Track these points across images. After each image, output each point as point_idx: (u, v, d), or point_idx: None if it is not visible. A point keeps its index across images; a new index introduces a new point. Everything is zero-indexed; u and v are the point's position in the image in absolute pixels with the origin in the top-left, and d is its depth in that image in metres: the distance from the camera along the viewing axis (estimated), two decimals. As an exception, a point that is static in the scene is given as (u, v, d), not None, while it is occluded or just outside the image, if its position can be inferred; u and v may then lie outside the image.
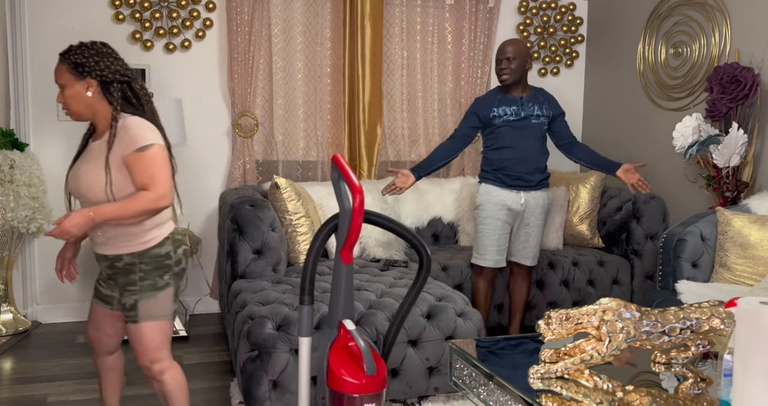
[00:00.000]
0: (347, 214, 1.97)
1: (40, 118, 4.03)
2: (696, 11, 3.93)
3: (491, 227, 3.48)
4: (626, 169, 3.43)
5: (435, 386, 2.94)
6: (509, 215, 3.48)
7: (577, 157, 3.56)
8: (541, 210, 3.52)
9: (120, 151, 2.15)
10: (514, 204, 3.46)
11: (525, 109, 3.44)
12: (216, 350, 3.70)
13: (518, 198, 3.46)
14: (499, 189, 3.47)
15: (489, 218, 3.48)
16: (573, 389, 1.64)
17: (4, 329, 3.82)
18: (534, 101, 3.47)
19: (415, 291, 2.16)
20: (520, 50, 3.40)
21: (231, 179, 4.24)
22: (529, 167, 3.44)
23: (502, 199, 3.46)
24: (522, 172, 3.44)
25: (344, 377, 1.89)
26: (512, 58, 3.40)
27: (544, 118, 3.48)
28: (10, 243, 3.75)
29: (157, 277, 2.22)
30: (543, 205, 3.52)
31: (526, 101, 3.45)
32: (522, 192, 3.46)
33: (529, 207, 3.48)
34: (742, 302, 1.40)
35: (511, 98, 3.47)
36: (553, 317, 1.69)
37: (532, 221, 3.51)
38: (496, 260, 3.51)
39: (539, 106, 3.47)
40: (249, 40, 4.17)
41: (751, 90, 3.33)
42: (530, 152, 3.44)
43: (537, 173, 3.47)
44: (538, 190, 3.50)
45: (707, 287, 2.95)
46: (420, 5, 4.56)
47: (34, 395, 3.07)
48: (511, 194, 3.46)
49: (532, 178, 3.45)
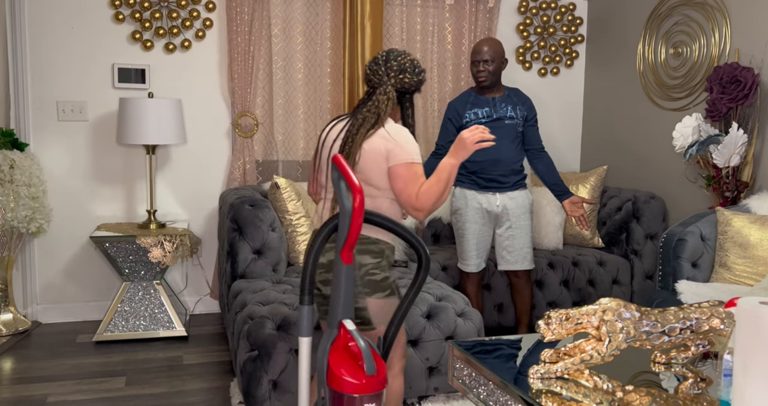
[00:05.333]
0: (347, 214, 1.97)
1: (40, 118, 4.03)
2: (696, 11, 3.93)
3: (470, 232, 3.45)
4: (573, 202, 3.40)
5: (435, 386, 2.94)
6: (487, 218, 3.45)
7: (535, 169, 3.51)
8: (522, 210, 3.45)
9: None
10: (490, 206, 3.43)
11: (498, 111, 3.39)
12: (216, 350, 3.70)
13: (494, 200, 3.43)
14: (475, 192, 3.44)
15: (467, 222, 3.45)
16: (573, 389, 1.64)
17: (4, 329, 3.82)
18: (507, 102, 3.42)
19: (414, 291, 2.16)
20: (497, 51, 3.35)
21: (231, 179, 4.24)
22: (504, 169, 3.41)
23: (478, 201, 3.43)
24: (496, 175, 3.41)
25: (344, 377, 1.89)
26: (490, 59, 3.34)
27: (519, 120, 3.42)
28: (10, 243, 3.75)
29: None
30: (523, 205, 3.46)
31: (499, 102, 3.41)
32: (498, 194, 3.43)
33: (508, 208, 3.43)
34: (742, 302, 1.40)
35: (484, 99, 3.42)
36: (553, 317, 1.69)
37: (515, 222, 3.44)
38: (477, 264, 3.51)
39: (513, 106, 3.42)
40: (249, 40, 4.17)
41: (751, 90, 3.33)
42: (504, 154, 3.39)
43: (512, 175, 3.44)
44: (515, 190, 3.45)
45: (707, 287, 2.95)
46: (420, 5, 4.56)
47: (34, 395, 3.07)
48: (487, 196, 3.43)
49: (506, 180, 3.42)
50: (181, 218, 4.28)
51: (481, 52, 3.36)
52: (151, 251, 3.74)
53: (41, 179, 3.84)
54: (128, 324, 3.78)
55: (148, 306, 3.82)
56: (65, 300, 4.17)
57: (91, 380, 3.25)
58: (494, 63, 3.35)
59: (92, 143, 4.12)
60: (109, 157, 4.15)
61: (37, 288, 4.12)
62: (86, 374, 3.33)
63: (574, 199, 3.40)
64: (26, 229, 3.70)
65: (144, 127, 3.76)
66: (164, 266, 3.81)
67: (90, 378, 3.27)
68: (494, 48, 3.36)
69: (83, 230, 4.13)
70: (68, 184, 4.10)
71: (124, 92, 4.13)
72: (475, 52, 3.38)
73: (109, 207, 4.18)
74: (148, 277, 3.83)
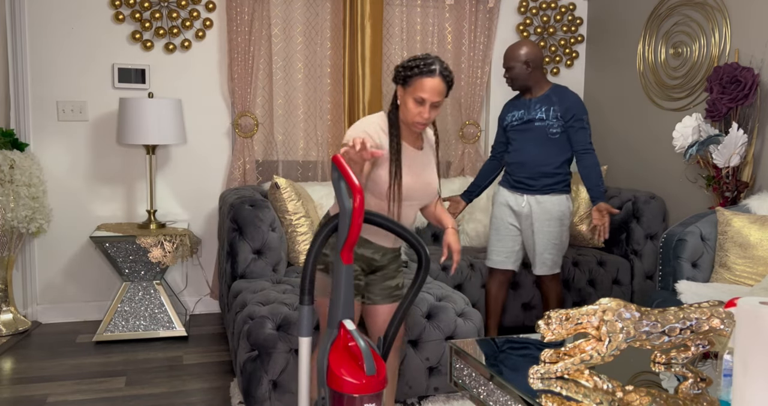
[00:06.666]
0: (347, 214, 1.97)
1: (40, 118, 4.03)
2: (696, 11, 3.93)
3: (495, 227, 3.51)
4: (599, 209, 3.22)
5: (435, 386, 2.94)
6: (513, 217, 3.46)
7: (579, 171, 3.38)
8: (547, 216, 3.35)
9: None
10: (516, 206, 3.44)
11: (530, 113, 3.35)
12: (216, 350, 3.70)
13: (521, 200, 3.41)
14: (506, 190, 3.48)
15: (494, 217, 3.52)
16: (573, 389, 1.64)
17: (4, 329, 3.82)
18: (544, 103, 3.33)
19: (414, 291, 2.16)
20: (512, 57, 3.34)
21: (231, 179, 4.24)
22: (530, 172, 3.36)
23: (507, 199, 3.46)
24: (522, 177, 3.39)
25: (344, 377, 1.89)
26: (509, 67, 3.36)
27: (552, 121, 3.30)
28: (10, 243, 3.75)
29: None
30: (550, 211, 3.34)
31: (533, 104, 3.35)
32: (526, 195, 3.40)
33: (533, 211, 3.37)
34: (742, 302, 1.40)
35: (521, 102, 3.42)
36: (553, 317, 1.69)
37: (537, 226, 3.37)
38: (497, 261, 3.51)
39: (547, 107, 3.31)
40: (249, 40, 4.17)
41: (751, 90, 3.33)
42: (529, 157, 3.35)
43: (542, 178, 3.35)
44: (545, 194, 3.35)
45: (707, 287, 2.95)
46: (420, 5, 4.56)
47: (34, 395, 3.07)
48: (515, 196, 3.44)
49: (534, 183, 3.36)
50: (181, 218, 4.28)
51: (503, 59, 3.41)
52: (151, 251, 3.74)
53: (41, 179, 3.84)
54: (128, 324, 3.78)
55: (148, 306, 3.82)
56: (65, 300, 4.17)
57: (91, 380, 3.25)
58: (513, 69, 3.35)
59: (92, 143, 4.12)
60: (109, 157, 4.15)
61: (37, 288, 4.12)
62: (86, 374, 3.33)
63: (600, 207, 3.22)
64: (26, 229, 3.70)
65: (144, 127, 3.76)
66: (164, 266, 3.81)
67: (90, 378, 3.27)
68: (510, 55, 3.36)
69: (83, 230, 4.13)
70: (68, 184, 4.10)
71: (124, 92, 4.13)
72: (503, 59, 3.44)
73: (109, 207, 4.18)
74: (148, 277, 3.83)
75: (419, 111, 2.30)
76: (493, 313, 3.62)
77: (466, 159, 4.69)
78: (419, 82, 2.28)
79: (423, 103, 2.28)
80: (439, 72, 2.28)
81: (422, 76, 2.27)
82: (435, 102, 2.29)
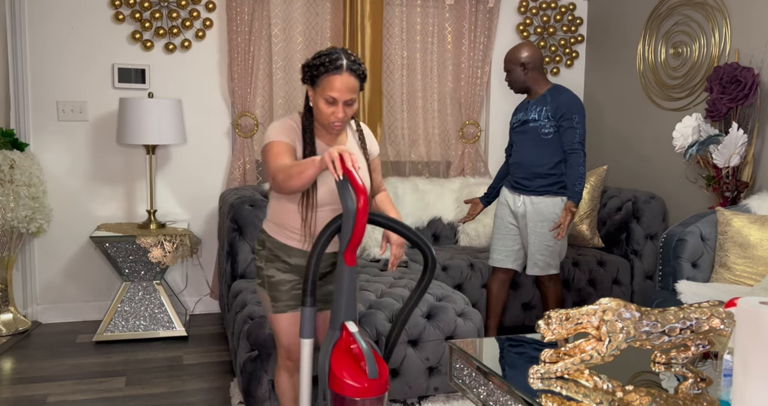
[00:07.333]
0: (351, 215, 1.96)
1: (40, 118, 4.03)
2: (696, 11, 3.93)
3: (496, 226, 3.56)
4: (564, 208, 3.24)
5: (435, 386, 2.94)
6: (512, 217, 3.48)
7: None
8: (540, 217, 3.35)
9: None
10: (514, 206, 3.46)
11: (527, 114, 3.40)
12: (216, 350, 3.70)
13: (518, 200, 3.44)
14: (507, 190, 3.52)
15: (496, 216, 3.58)
16: (573, 389, 1.64)
17: (4, 329, 3.82)
18: (539, 104, 3.36)
19: (419, 292, 2.15)
20: (510, 60, 3.40)
21: (231, 179, 4.24)
22: (526, 172, 3.39)
23: (506, 199, 3.51)
24: (519, 177, 3.43)
25: (346, 380, 1.88)
26: (507, 70, 3.43)
27: (544, 121, 3.32)
28: (10, 243, 3.75)
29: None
30: (543, 212, 3.34)
31: (531, 105, 3.40)
32: (522, 195, 3.42)
33: (528, 212, 3.39)
34: (742, 302, 1.40)
35: (523, 104, 3.49)
36: (553, 317, 1.69)
37: (531, 227, 3.39)
38: (497, 259, 3.53)
39: (540, 108, 3.34)
40: (249, 40, 4.17)
41: (751, 90, 3.34)
42: (524, 157, 3.40)
43: (537, 179, 3.36)
44: (540, 196, 3.36)
45: (707, 287, 2.95)
46: (420, 5, 4.56)
47: (34, 395, 3.07)
48: (513, 196, 3.47)
49: (530, 183, 3.39)
50: (181, 218, 4.28)
51: (503, 63, 3.46)
52: (151, 251, 3.74)
53: (41, 179, 3.84)
54: (128, 324, 3.78)
55: (148, 306, 3.82)
56: (65, 300, 4.17)
57: (91, 380, 3.25)
58: (511, 73, 3.41)
59: (92, 143, 4.12)
60: (109, 157, 4.15)
61: (37, 288, 4.12)
62: (86, 374, 3.33)
63: (566, 205, 3.24)
64: (26, 229, 3.70)
65: (144, 127, 3.76)
66: (164, 266, 3.81)
67: (90, 378, 3.27)
68: (507, 58, 3.42)
69: (83, 230, 4.13)
70: (68, 184, 4.10)
71: (124, 92, 4.13)
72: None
73: (109, 207, 4.18)
74: (148, 277, 3.83)
75: (332, 111, 2.14)
76: (493, 313, 3.62)
77: (466, 159, 4.69)
78: (327, 81, 2.11)
79: (335, 102, 2.12)
80: (347, 67, 2.10)
81: (329, 74, 2.10)
82: (348, 100, 2.13)
